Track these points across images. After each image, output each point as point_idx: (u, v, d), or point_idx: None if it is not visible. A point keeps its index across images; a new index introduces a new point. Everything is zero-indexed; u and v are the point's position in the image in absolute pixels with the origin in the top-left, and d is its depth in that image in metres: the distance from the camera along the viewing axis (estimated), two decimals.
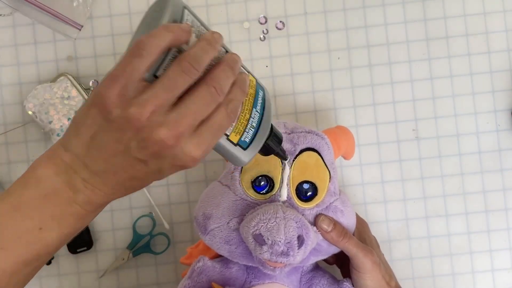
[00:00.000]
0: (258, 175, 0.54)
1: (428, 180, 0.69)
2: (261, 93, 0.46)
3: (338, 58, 0.69)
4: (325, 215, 0.54)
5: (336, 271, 0.68)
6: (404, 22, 0.69)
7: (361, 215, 0.63)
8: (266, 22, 0.69)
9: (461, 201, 0.69)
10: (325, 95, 0.69)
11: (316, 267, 0.61)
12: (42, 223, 0.42)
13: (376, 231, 0.63)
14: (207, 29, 0.43)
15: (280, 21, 0.69)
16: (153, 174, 0.41)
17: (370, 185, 0.69)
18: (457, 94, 0.69)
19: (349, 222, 0.57)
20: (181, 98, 0.39)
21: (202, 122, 0.40)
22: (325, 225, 0.53)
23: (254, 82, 0.46)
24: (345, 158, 0.63)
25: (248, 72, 0.46)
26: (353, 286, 0.58)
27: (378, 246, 0.61)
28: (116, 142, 0.39)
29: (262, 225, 0.50)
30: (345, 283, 0.57)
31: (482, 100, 0.69)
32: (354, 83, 0.69)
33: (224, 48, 0.43)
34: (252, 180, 0.54)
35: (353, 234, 0.57)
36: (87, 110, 0.40)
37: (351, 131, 0.63)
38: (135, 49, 0.38)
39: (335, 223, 0.54)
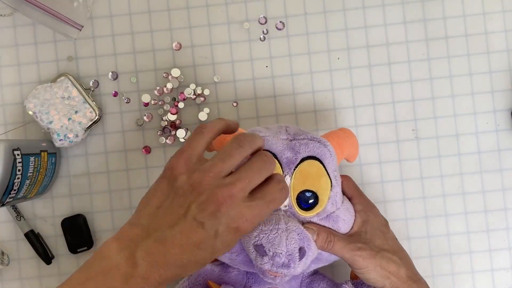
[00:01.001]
0: None
1: (428, 180, 0.69)
2: None
3: (338, 58, 0.69)
4: (309, 224, 0.54)
5: (335, 273, 0.68)
6: (404, 22, 0.69)
7: (371, 202, 0.62)
8: (266, 22, 0.69)
9: (460, 201, 0.69)
10: (325, 95, 0.69)
11: (315, 270, 0.61)
12: None
13: None
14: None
15: (280, 21, 0.69)
16: (209, 239, 0.44)
17: (370, 185, 0.69)
18: (457, 94, 0.69)
19: (348, 229, 0.57)
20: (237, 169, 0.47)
21: (257, 191, 0.47)
22: (309, 234, 0.53)
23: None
24: (348, 160, 0.62)
25: None
26: (354, 287, 0.58)
27: (387, 233, 0.59)
28: (179, 206, 0.44)
29: (263, 236, 0.50)
30: (344, 285, 0.57)
31: (481, 100, 0.69)
32: (354, 83, 0.69)
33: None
34: None
35: (351, 230, 0.57)
36: (157, 184, 0.47)
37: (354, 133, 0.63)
38: (197, 129, 0.49)
39: (319, 232, 0.53)
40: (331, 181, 0.55)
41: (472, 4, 0.69)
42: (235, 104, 0.69)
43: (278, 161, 0.54)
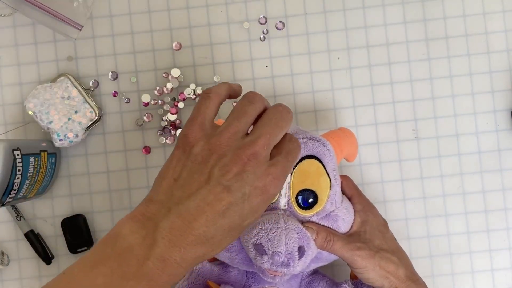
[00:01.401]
0: None
1: (428, 180, 0.69)
2: None
3: (338, 58, 0.69)
4: (309, 223, 0.54)
5: (335, 273, 0.68)
6: (404, 22, 0.69)
7: (371, 202, 0.63)
8: (266, 22, 0.69)
9: (460, 201, 0.69)
10: (325, 95, 0.69)
11: (315, 270, 0.61)
12: (112, 283, 0.39)
13: None
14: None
15: (280, 21, 0.69)
16: (236, 205, 0.41)
17: (369, 185, 0.69)
18: (457, 94, 0.69)
19: (348, 229, 0.57)
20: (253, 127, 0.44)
21: (276, 148, 0.44)
22: (309, 234, 0.53)
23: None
24: (347, 160, 0.63)
25: None
26: (354, 286, 0.58)
27: (385, 233, 0.59)
28: (199, 174, 0.41)
29: (263, 235, 0.50)
30: (343, 285, 0.57)
31: (481, 100, 0.69)
32: (354, 83, 0.69)
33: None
34: None
35: (351, 229, 0.57)
36: (172, 156, 0.44)
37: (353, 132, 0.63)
38: (203, 95, 0.46)
39: (318, 231, 0.54)
40: (330, 180, 0.55)
41: (472, 4, 0.69)
42: (235, 104, 0.69)
43: None
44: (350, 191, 0.61)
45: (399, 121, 0.69)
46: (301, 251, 0.51)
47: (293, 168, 0.54)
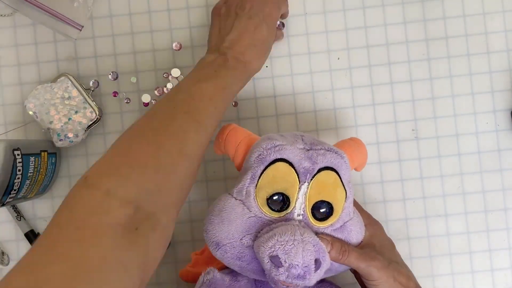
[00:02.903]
0: (274, 192, 0.53)
1: (428, 180, 0.69)
2: None
3: (338, 59, 0.69)
4: (322, 235, 0.54)
5: (339, 279, 0.68)
6: (404, 22, 0.69)
7: (378, 220, 0.63)
8: None
9: (460, 201, 0.69)
10: (325, 95, 0.69)
11: (323, 278, 0.60)
12: (218, 73, 0.57)
13: None
14: None
15: (281, 22, 0.69)
16: (260, 25, 0.60)
17: (369, 185, 0.69)
18: (457, 94, 0.69)
19: (360, 240, 0.57)
20: None
21: None
22: (324, 245, 0.53)
23: None
24: (356, 170, 0.62)
25: None
26: None
27: (393, 248, 0.60)
28: (229, 17, 0.61)
29: (279, 247, 0.49)
30: None
31: (481, 100, 0.69)
32: (353, 83, 0.69)
33: None
34: (268, 197, 0.53)
35: (361, 242, 0.57)
36: (212, 26, 0.63)
37: (350, 134, 0.62)
38: None
39: (333, 243, 0.54)
40: (346, 192, 0.55)
41: (472, 4, 0.69)
42: (234, 104, 0.69)
43: (295, 170, 0.53)
44: (356, 208, 0.61)
45: (399, 121, 0.69)
46: (318, 263, 0.50)
47: (311, 179, 0.54)
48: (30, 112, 0.66)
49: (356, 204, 0.61)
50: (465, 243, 0.69)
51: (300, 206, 0.53)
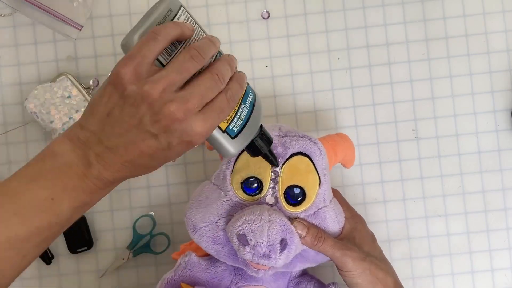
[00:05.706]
0: (248, 176, 0.55)
1: (428, 180, 0.69)
2: (251, 94, 0.49)
3: (338, 58, 0.69)
4: (300, 220, 0.54)
5: (323, 274, 0.68)
6: (404, 22, 0.69)
7: (361, 215, 0.63)
8: (268, 17, 0.69)
9: (460, 201, 0.69)
10: (325, 95, 0.69)
11: (304, 271, 0.61)
12: (55, 194, 0.44)
13: (376, 231, 0.63)
14: (203, 30, 0.48)
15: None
16: (162, 151, 0.44)
17: (369, 185, 0.69)
18: (457, 94, 0.69)
19: (337, 230, 0.57)
20: (188, 82, 0.44)
21: (207, 105, 0.44)
22: (299, 230, 0.53)
23: (246, 84, 0.49)
24: (344, 166, 0.63)
25: None
26: None
27: (374, 242, 0.60)
28: (130, 117, 0.43)
29: (246, 226, 0.51)
30: (331, 286, 0.58)
31: (481, 100, 0.69)
32: (353, 83, 0.69)
33: (220, 52, 0.48)
34: (242, 181, 0.55)
35: (340, 233, 0.57)
36: (103, 90, 0.44)
37: (350, 134, 0.62)
38: (151, 35, 0.43)
39: (309, 227, 0.54)
40: (319, 178, 0.55)
41: (472, 4, 0.69)
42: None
43: None
44: (339, 201, 0.60)
45: (399, 121, 0.69)
46: (283, 243, 0.51)
47: (283, 164, 0.55)
48: (31, 112, 0.66)
49: (339, 197, 0.61)
50: (465, 243, 0.69)
51: (273, 191, 0.54)
